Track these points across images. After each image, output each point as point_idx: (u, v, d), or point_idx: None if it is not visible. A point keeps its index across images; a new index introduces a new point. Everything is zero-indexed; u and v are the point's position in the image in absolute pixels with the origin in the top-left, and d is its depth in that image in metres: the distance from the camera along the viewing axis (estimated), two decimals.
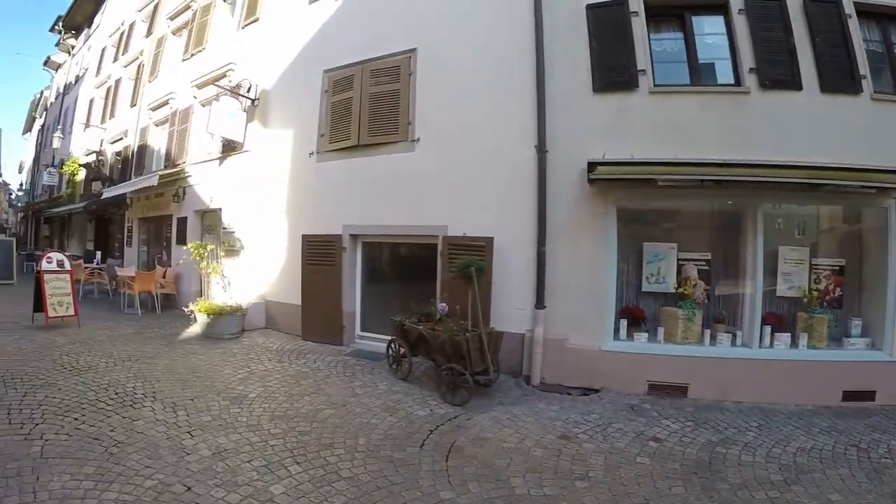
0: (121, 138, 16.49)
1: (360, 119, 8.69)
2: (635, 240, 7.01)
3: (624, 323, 6.85)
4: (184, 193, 11.83)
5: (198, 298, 9.94)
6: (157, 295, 11.14)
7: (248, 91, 10.45)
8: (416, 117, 8.15)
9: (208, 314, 8.93)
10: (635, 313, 6.92)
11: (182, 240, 11.75)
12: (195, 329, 9.33)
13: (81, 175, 19.37)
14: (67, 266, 9.32)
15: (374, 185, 8.46)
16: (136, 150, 15.19)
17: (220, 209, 10.53)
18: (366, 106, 8.65)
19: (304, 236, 9.18)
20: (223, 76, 11.55)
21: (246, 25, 11.50)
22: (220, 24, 12.77)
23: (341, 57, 9.07)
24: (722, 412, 5.74)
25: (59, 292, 8.95)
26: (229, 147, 10.69)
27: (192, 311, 9.29)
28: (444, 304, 6.81)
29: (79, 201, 18.63)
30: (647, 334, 6.79)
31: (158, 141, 14.46)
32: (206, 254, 9.64)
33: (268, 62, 10.50)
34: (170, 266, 12.26)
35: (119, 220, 15.65)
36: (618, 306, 6.90)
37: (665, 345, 6.66)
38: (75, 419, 4.85)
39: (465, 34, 7.79)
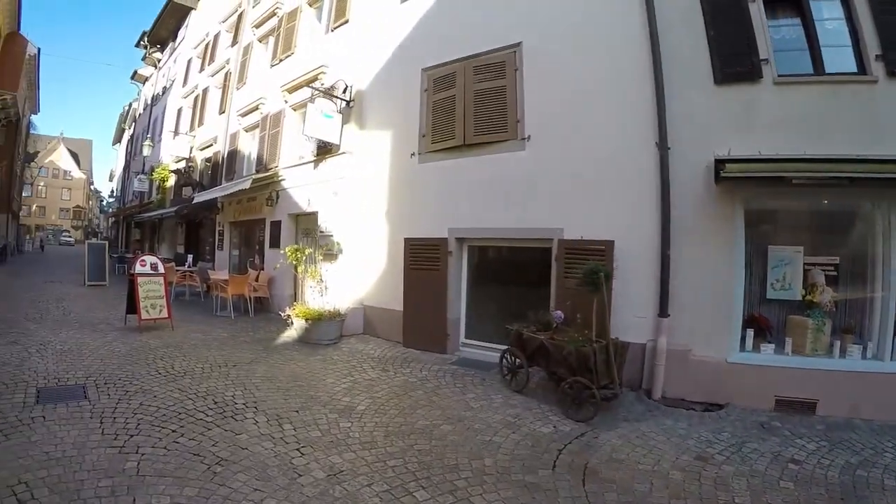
0: (210, 144, 16.90)
1: (465, 118, 8.34)
2: (759, 243, 6.36)
3: (750, 333, 6.26)
4: (277, 197, 11.83)
5: (294, 303, 9.84)
6: (250, 298, 11.15)
7: (344, 92, 10.29)
8: (525, 115, 7.75)
9: (306, 319, 8.75)
10: (762, 322, 6.32)
11: (276, 243, 11.75)
12: (291, 334, 9.19)
13: (171, 181, 20.05)
14: (161, 269, 9.39)
15: (481, 186, 8.09)
16: (226, 155, 15.47)
17: (317, 212, 10.40)
18: (470, 104, 8.30)
19: (406, 240, 8.90)
20: (314, 79, 11.48)
21: (335, 28, 11.45)
22: (307, 28, 12.89)
23: (440, 54, 8.79)
24: (854, 431, 5.24)
25: (152, 295, 9.00)
26: (325, 149, 10.56)
27: (288, 316, 9.14)
28: (559, 312, 6.43)
29: (169, 206, 19.29)
30: (773, 345, 6.23)
31: (248, 146, 14.66)
32: (304, 257, 9.49)
33: (361, 63, 10.34)
34: (262, 269, 12.27)
35: (210, 224, 16.01)
36: (743, 315, 6.28)
37: (793, 357, 6.08)
38: (173, 431, 4.61)
39: (572, 25, 7.33)
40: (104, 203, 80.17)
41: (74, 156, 78.47)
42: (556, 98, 7.40)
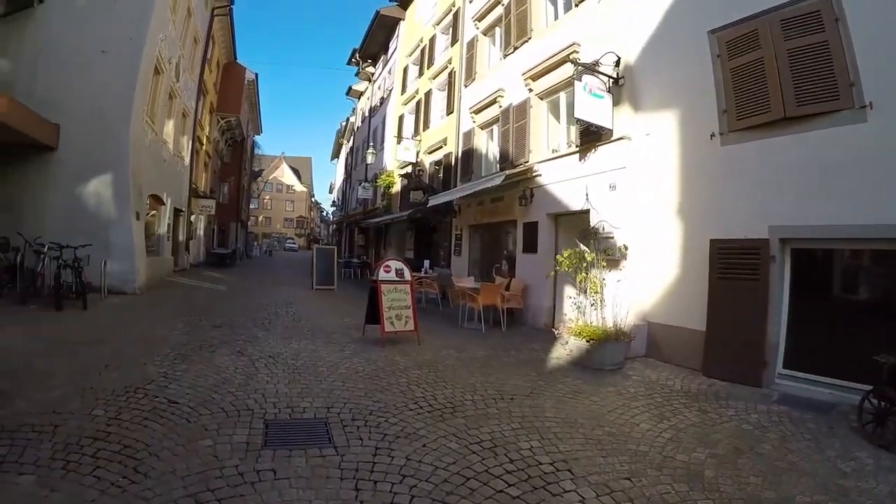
0: (439, 147, 16.64)
1: (781, 85, 6.41)
2: None
3: None
4: (531, 195, 10.69)
5: (555, 316, 8.51)
6: (502, 310, 10.13)
7: (617, 65, 8.76)
8: (861, 76, 5.67)
9: (588, 339, 7.32)
10: None
11: (531, 248, 10.65)
12: (561, 354, 7.86)
13: (397, 187, 20.48)
14: (407, 275, 8.52)
15: (805, 172, 6.16)
16: (458, 156, 14.98)
17: (587, 211, 8.98)
18: (784, 68, 6.38)
19: (713, 242, 7.01)
20: (565, 60, 10.16)
21: (580, 2, 10.16)
22: (541, 9, 11.91)
23: (729, 11, 7.01)
24: None
25: (397, 305, 8.16)
26: (592, 136, 9.13)
27: (561, 333, 7.83)
28: None
29: (397, 211, 19.61)
30: None
31: (486, 143, 13.98)
32: (585, 264, 8.08)
33: (623, 35, 8.80)
34: (510, 276, 11.27)
35: (444, 228, 15.68)
36: None
37: None
38: None
39: None
40: (324, 213, 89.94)
41: (296, 171, 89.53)
42: None
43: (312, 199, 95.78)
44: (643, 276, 8.12)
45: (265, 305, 11.78)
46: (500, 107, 12.80)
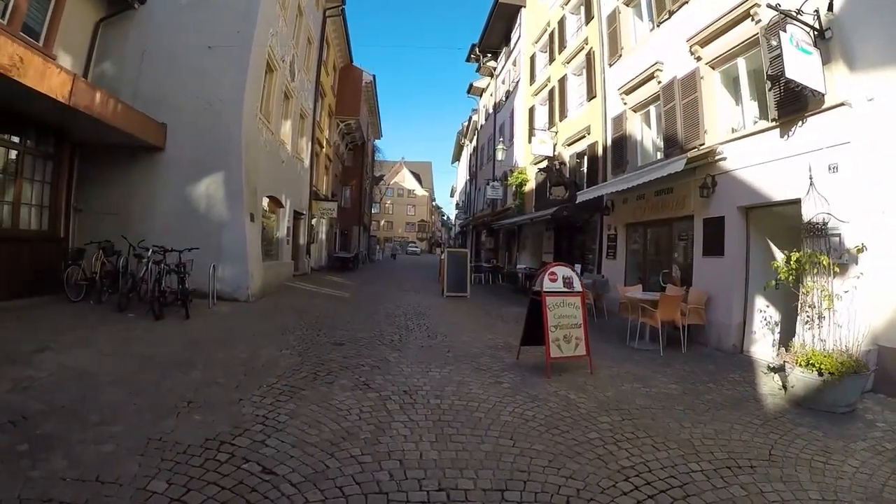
0: (580, 137, 15.19)
1: None
2: None
3: None
4: (713, 184, 8.92)
5: (785, 343, 6.73)
6: (683, 327, 8.49)
7: (829, 9, 6.88)
8: None
9: (820, 371, 5.56)
10: None
11: (715, 249, 8.87)
12: (772, 388, 6.29)
13: (530, 185, 19.24)
14: (577, 285, 6.95)
15: None
16: (607, 144, 13.45)
17: (797, 200, 7.14)
18: None
19: None
20: (745, 15, 8.44)
21: None
22: None
23: None
24: None
25: (566, 323, 6.62)
26: (794, 106, 7.30)
27: (783, 362, 6.12)
28: None
29: (532, 211, 18.37)
30: None
31: (640, 128, 12.32)
32: (816, 270, 6.31)
33: None
34: (684, 285, 9.59)
35: (592, 228, 14.17)
36: None
37: None
38: None
39: None
40: (445, 217, 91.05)
41: (416, 176, 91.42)
42: None
43: (433, 203, 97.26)
44: (872, 286, 6.21)
45: (393, 315, 10.91)
46: (659, 83, 11.11)
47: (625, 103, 12.61)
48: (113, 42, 11.45)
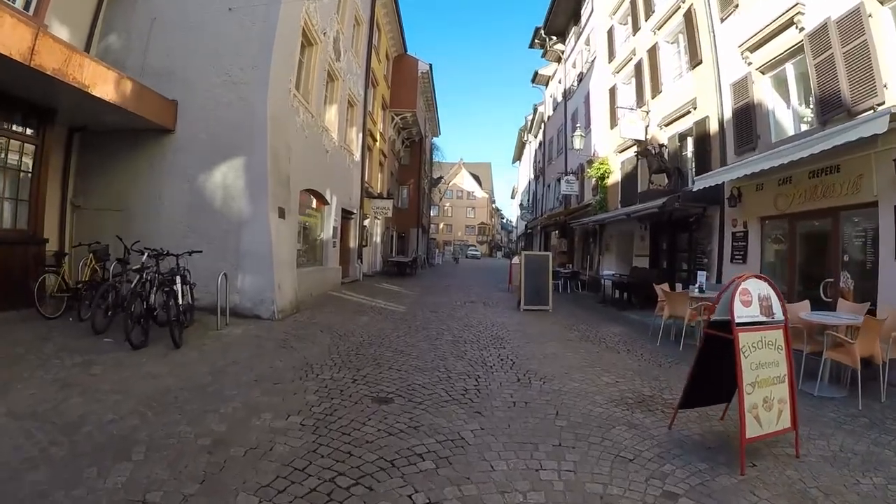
0: (684, 113, 12.70)
1: None
2: None
3: None
4: None
5: None
6: (883, 366, 5.96)
7: None
8: None
9: None
10: None
11: None
12: None
13: (615, 176, 16.83)
14: (778, 310, 4.09)
15: None
16: (725, 118, 10.96)
17: None
18: None
19: None
20: None
21: None
22: None
23: None
24: None
25: (766, 378, 3.93)
26: None
27: None
28: None
29: (618, 206, 15.94)
30: None
31: (772, 92, 9.79)
32: None
33: None
34: (860, 300, 7.06)
35: (707, 224, 11.49)
36: None
37: None
38: None
39: None
40: (504, 220, 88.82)
41: (476, 178, 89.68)
42: None
43: (493, 206, 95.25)
44: None
45: (461, 341, 8.34)
46: (801, 29, 8.59)
47: (748, 63, 10.08)
48: (120, 12, 10.03)
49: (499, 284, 21.32)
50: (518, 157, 55.60)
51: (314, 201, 14.32)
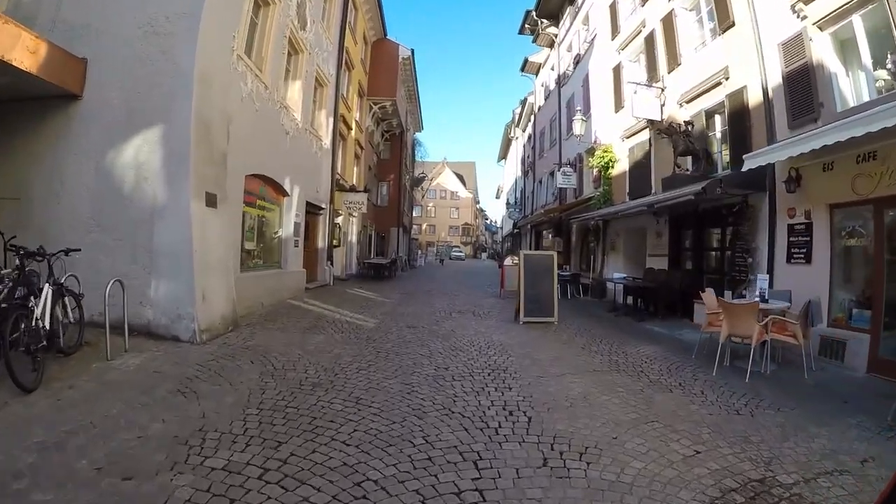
0: (713, 85, 10.86)
1: None
2: None
3: None
4: None
5: None
6: None
7: None
8: None
9: None
10: None
11: None
12: None
13: (622, 165, 15.05)
14: None
15: None
16: (768, 87, 9.15)
17: None
18: None
19: None
20: None
21: None
22: None
23: None
24: None
25: None
26: None
27: None
28: None
29: (626, 198, 14.11)
30: None
31: (835, 50, 8.02)
32: None
33: None
34: None
35: (752, 216, 9.49)
36: None
37: None
38: None
39: None
40: (489, 221, 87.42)
41: (460, 177, 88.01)
42: None
43: (477, 206, 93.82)
44: None
45: (446, 379, 6.03)
46: None
47: (803, 17, 8.30)
48: None
49: (488, 289, 19.35)
50: (504, 155, 54.09)
51: (269, 191, 12.30)
